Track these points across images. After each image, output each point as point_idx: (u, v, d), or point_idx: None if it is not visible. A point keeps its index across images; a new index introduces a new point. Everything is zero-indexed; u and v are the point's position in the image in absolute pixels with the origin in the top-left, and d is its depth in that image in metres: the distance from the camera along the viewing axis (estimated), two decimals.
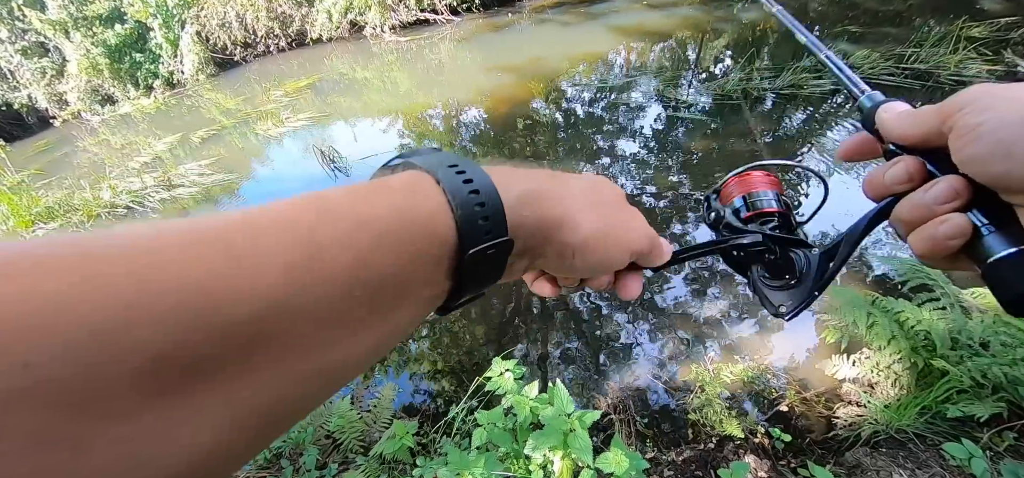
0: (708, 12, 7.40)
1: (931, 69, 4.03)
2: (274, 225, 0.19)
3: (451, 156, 0.27)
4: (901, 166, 0.30)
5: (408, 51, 9.22)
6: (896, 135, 0.32)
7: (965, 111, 0.26)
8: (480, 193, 0.25)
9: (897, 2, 6.16)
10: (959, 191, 0.27)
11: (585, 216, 0.30)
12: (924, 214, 0.28)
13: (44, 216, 5.28)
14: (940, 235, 0.27)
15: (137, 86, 11.20)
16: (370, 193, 0.23)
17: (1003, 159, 0.24)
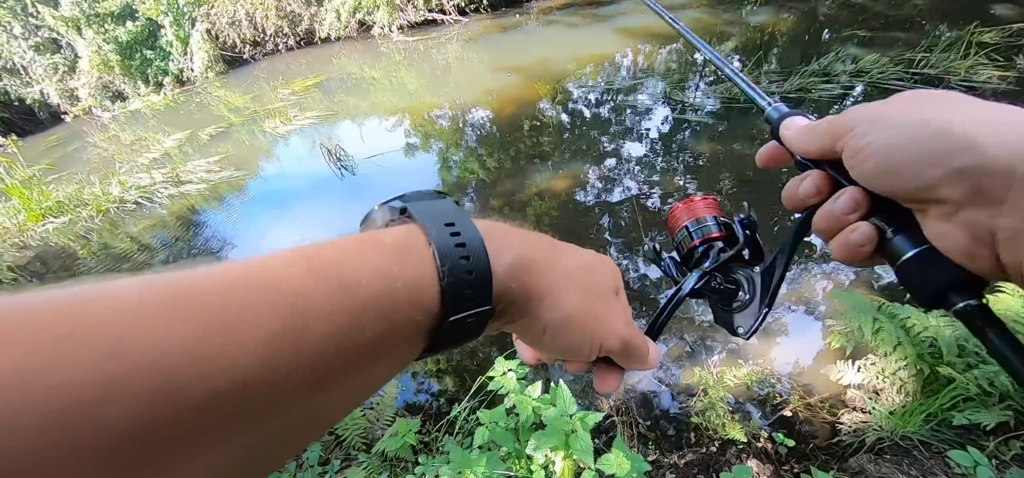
0: (716, 15, 7.37)
1: (941, 74, 4.00)
2: (259, 291, 0.18)
3: (449, 208, 0.27)
4: (809, 182, 0.32)
5: (416, 51, 9.26)
6: (797, 150, 0.34)
7: (853, 134, 0.29)
8: (470, 259, 0.24)
9: (907, 6, 6.11)
10: (859, 202, 0.29)
11: (569, 297, 0.29)
12: (835, 224, 0.30)
13: (54, 211, 5.35)
14: (852, 243, 0.29)
15: (147, 83, 11.32)
16: (359, 253, 0.22)
17: (889, 175, 0.27)
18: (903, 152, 0.26)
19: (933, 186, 0.25)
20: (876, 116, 0.28)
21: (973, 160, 0.23)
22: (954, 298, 0.26)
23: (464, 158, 4.84)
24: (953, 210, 0.24)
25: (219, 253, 4.18)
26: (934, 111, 0.26)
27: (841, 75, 4.36)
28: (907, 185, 0.26)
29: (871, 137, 0.27)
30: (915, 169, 0.25)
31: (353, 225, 1.40)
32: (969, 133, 0.24)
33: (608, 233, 3.29)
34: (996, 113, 0.25)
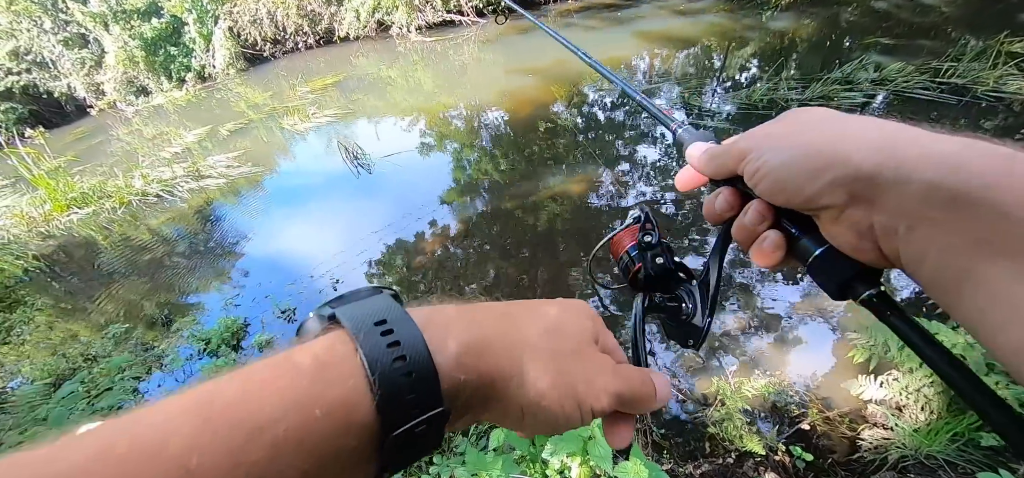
0: (736, 19, 7.29)
1: (968, 84, 3.89)
2: (138, 458, 0.16)
3: (381, 305, 0.24)
4: (722, 198, 0.36)
5: (433, 51, 9.32)
6: (705, 174, 0.38)
7: (748, 158, 0.32)
8: (408, 359, 0.22)
9: (934, 14, 5.97)
10: (764, 214, 0.33)
11: (538, 369, 0.27)
12: (749, 234, 0.34)
13: (78, 202, 5.48)
14: (766, 249, 0.33)
15: (170, 78, 11.57)
16: (265, 385, 0.20)
17: (782, 191, 0.30)
18: (790, 171, 0.29)
19: (818, 197, 0.28)
20: (765, 141, 0.32)
21: (844, 171, 0.27)
22: (858, 288, 0.29)
23: (478, 158, 4.85)
24: (838, 213, 0.28)
25: (235, 247, 4.24)
26: (810, 132, 0.30)
27: (864, 83, 4.27)
28: (798, 197, 0.30)
29: (763, 159, 0.31)
30: (802, 185, 0.29)
31: (367, 223, 1.44)
32: (839, 147, 0.28)
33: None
34: (861, 126, 0.29)
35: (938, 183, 0.24)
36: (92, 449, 0.16)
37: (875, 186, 0.26)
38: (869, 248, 0.28)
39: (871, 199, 0.26)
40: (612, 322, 2.63)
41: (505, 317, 0.29)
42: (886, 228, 0.26)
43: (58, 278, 4.40)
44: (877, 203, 0.26)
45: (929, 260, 0.24)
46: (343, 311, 0.24)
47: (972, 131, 0.26)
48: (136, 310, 3.63)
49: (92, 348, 3.21)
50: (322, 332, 0.24)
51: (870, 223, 0.27)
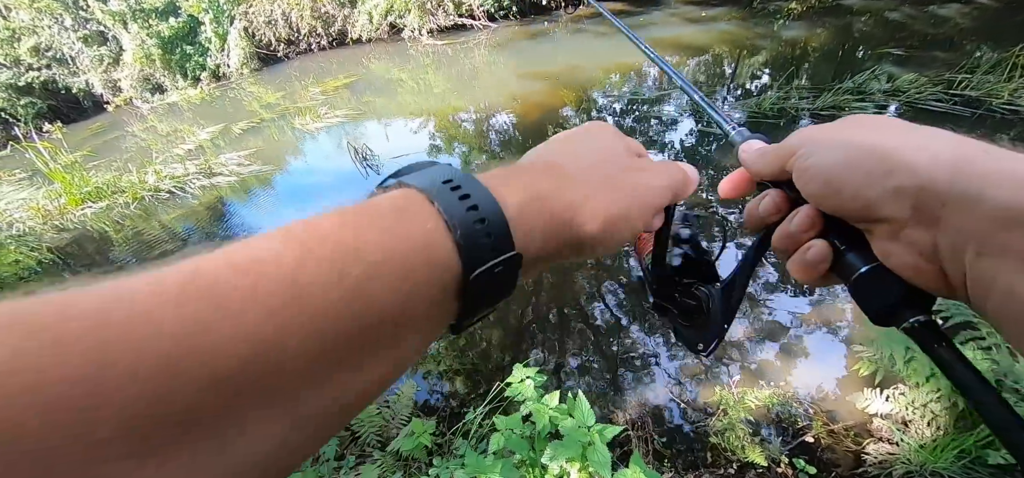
0: (747, 28, 7.26)
1: (982, 97, 3.84)
2: (255, 265, 0.18)
3: (447, 170, 0.25)
4: (768, 200, 0.33)
5: (444, 55, 9.38)
6: (753, 172, 0.36)
7: (798, 155, 0.30)
8: (480, 209, 0.23)
9: (948, 25, 5.90)
10: (814, 220, 0.30)
11: (598, 200, 0.28)
12: (792, 242, 0.31)
13: (93, 196, 5.58)
14: (809, 260, 0.29)
15: (185, 77, 11.77)
16: (359, 217, 0.21)
17: (833, 195, 0.27)
18: (845, 172, 0.27)
19: (875, 205, 0.25)
20: (820, 138, 0.29)
21: (909, 180, 0.24)
22: (904, 314, 0.26)
23: (487, 162, 4.88)
24: (897, 228, 0.25)
25: None
26: (872, 134, 0.27)
27: (876, 94, 4.23)
28: (851, 204, 0.27)
29: (814, 158, 0.28)
30: (858, 189, 0.26)
31: None
32: (905, 155, 0.25)
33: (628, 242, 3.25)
34: (928, 136, 0.26)
35: (1020, 205, 0.21)
36: (221, 258, 0.18)
37: (946, 202, 0.23)
38: (930, 271, 0.25)
39: (938, 216, 0.23)
40: (617, 330, 2.62)
41: (552, 167, 0.30)
42: (953, 250, 0.23)
43: (70, 271, 4.48)
44: (945, 221, 0.23)
45: (999, 291, 0.21)
46: (411, 176, 0.25)
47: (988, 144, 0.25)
48: None
49: None
50: None
51: (933, 243, 0.24)
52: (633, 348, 2.49)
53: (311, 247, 0.19)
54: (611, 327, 2.64)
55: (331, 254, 0.19)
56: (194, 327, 0.15)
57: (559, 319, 2.76)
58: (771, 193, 0.33)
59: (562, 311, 2.80)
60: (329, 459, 1.89)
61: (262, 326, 0.17)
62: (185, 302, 0.16)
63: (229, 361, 0.16)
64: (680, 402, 2.14)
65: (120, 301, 0.15)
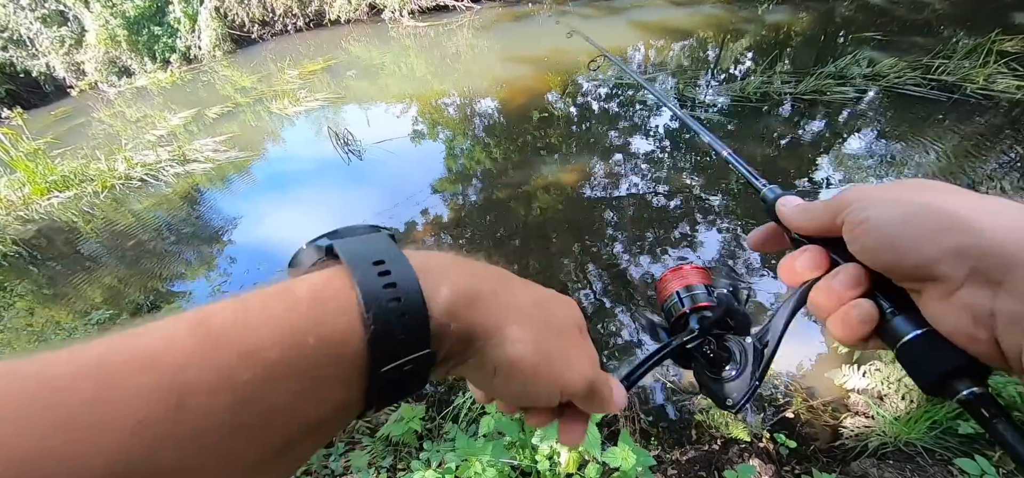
0: (732, 12, 7.29)
1: (958, 82, 3.94)
2: (129, 369, 0.17)
3: (380, 244, 0.24)
4: (808, 256, 0.33)
5: (426, 36, 9.19)
6: (795, 227, 0.35)
7: (852, 209, 0.29)
8: (401, 301, 0.22)
9: (927, 11, 6.02)
10: (860, 278, 0.29)
11: (520, 334, 0.27)
12: (835, 300, 0.30)
13: (59, 185, 5.35)
14: (853, 320, 0.28)
15: (154, 59, 11.27)
16: (263, 310, 0.20)
17: (889, 251, 0.27)
18: (903, 228, 0.26)
19: (932, 263, 0.25)
20: (875, 195, 0.29)
21: (972, 240, 0.24)
22: (957, 385, 0.25)
23: (471, 147, 4.82)
24: (952, 289, 0.24)
25: (222, 233, 4.18)
26: (932, 194, 0.27)
27: (856, 78, 4.31)
28: (907, 261, 0.26)
29: (871, 212, 0.28)
30: (915, 245, 0.25)
31: (358, 210, 1.42)
32: (968, 215, 0.24)
33: (612, 229, 3.28)
34: (992, 201, 0.25)
35: None
36: (89, 356, 0.17)
37: (1009, 266, 0.22)
38: (984, 338, 0.23)
39: (999, 280, 0.22)
40: (602, 313, 2.64)
41: (502, 279, 0.29)
42: (1012, 317, 0.22)
43: (38, 263, 4.30)
44: (1006, 285, 0.22)
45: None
46: (342, 245, 0.24)
47: (962, 128, 0.24)
48: (120, 296, 3.56)
49: (75, 335, 3.15)
50: (318, 263, 0.25)
51: (990, 309, 0.23)
52: (619, 331, 2.51)
53: (202, 345, 0.18)
54: (597, 310, 2.66)
55: (221, 355, 0.18)
56: (47, 448, 0.14)
57: None
58: (809, 249, 0.33)
59: None
60: None
61: (126, 442, 0.15)
62: (46, 417, 0.15)
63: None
64: (665, 383, 2.18)
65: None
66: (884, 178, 3.29)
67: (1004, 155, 3.26)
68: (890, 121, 3.89)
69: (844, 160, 3.58)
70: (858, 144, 3.74)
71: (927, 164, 3.34)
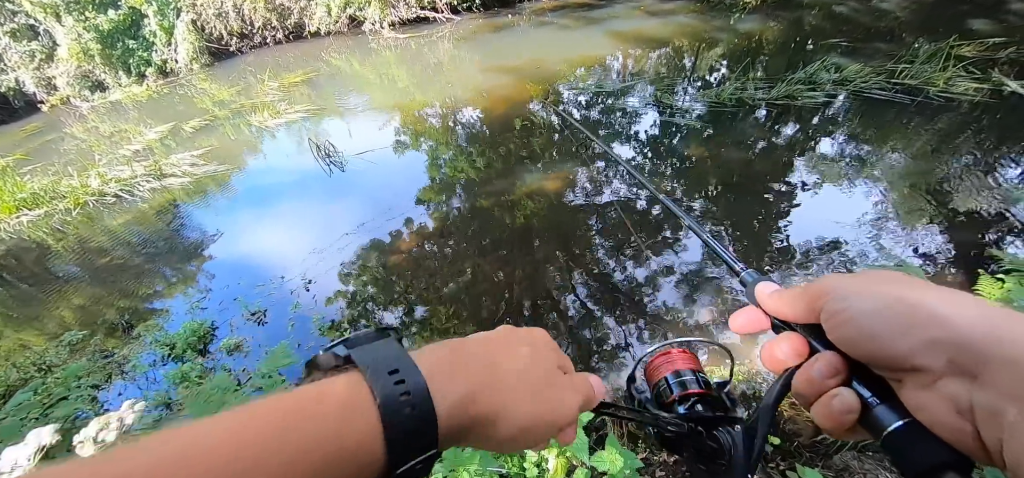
0: (705, 21, 7.48)
1: (920, 85, 4.12)
2: (199, 464, 0.20)
3: (392, 352, 0.28)
4: (787, 344, 0.33)
5: (407, 48, 9.20)
6: (774, 312, 0.36)
7: (830, 298, 0.30)
8: (415, 409, 0.25)
9: (889, 18, 6.27)
10: (838, 367, 0.29)
11: (520, 409, 0.31)
12: (815, 389, 0.30)
13: (29, 203, 5.18)
14: (835, 410, 0.29)
15: (129, 73, 11.02)
16: (304, 417, 0.23)
17: (867, 340, 0.27)
18: (881, 320, 0.27)
19: (911, 354, 0.25)
20: (851, 286, 0.30)
21: (946, 333, 0.24)
22: (944, 477, 0.25)
23: (454, 156, 4.83)
24: (932, 380, 0.25)
25: (201, 249, 4.09)
26: (904, 288, 0.28)
27: (826, 83, 4.46)
28: (886, 352, 0.26)
29: (849, 303, 0.29)
30: (894, 337, 0.26)
31: (341, 222, 1.43)
32: (941, 310, 0.25)
33: (595, 233, 3.31)
34: (955, 295, 0.26)
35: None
36: (165, 453, 0.20)
37: (983, 359, 0.23)
38: (968, 430, 0.24)
39: (976, 373, 0.23)
40: (589, 319, 2.66)
41: (490, 368, 0.31)
42: (990, 411, 0.22)
43: (6, 284, 4.15)
44: (982, 378, 0.23)
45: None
46: (360, 355, 0.27)
47: (926, 129, 0.25)
48: (94, 316, 3.45)
49: (46, 357, 3.03)
50: (336, 369, 0.28)
51: (969, 401, 0.23)
52: (605, 336, 2.53)
53: (252, 450, 0.21)
54: (583, 317, 2.68)
55: (272, 460, 0.21)
56: None
57: (533, 310, 2.77)
58: (790, 336, 0.33)
59: (536, 302, 2.82)
60: None
61: None
62: None
63: None
64: None
65: None
66: (853, 179, 3.41)
67: (969, 154, 3.41)
68: (859, 124, 4.04)
69: (817, 162, 3.70)
70: (829, 146, 3.86)
71: (895, 164, 3.47)
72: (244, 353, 2.83)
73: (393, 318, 2.92)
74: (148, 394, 2.64)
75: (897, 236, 2.85)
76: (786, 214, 3.21)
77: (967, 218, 2.87)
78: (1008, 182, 3.12)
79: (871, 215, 3.03)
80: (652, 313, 2.62)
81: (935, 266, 2.63)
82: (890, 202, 3.13)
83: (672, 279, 2.81)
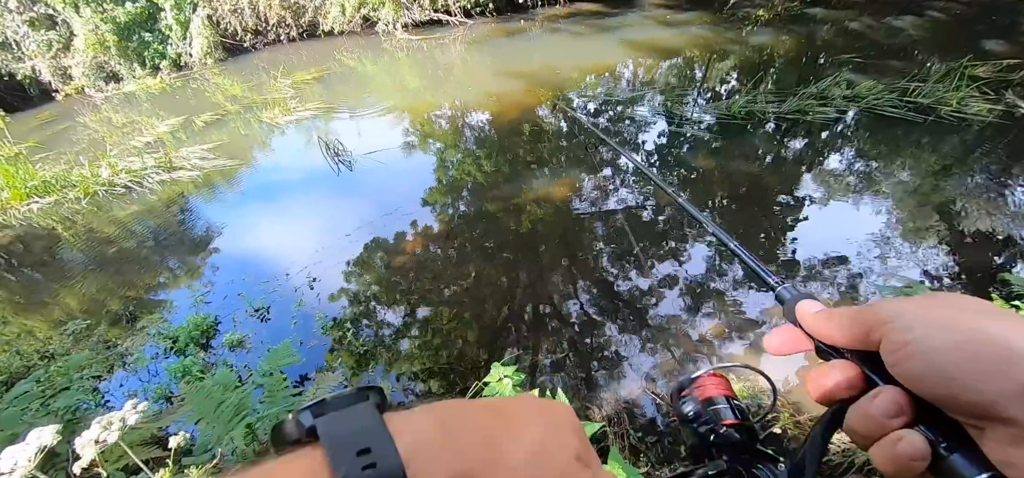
0: (718, 33, 7.47)
1: (933, 104, 4.08)
2: None
3: (366, 422, 0.23)
4: (840, 373, 0.29)
5: (419, 50, 9.25)
6: (821, 336, 0.32)
7: (892, 327, 0.26)
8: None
9: (902, 36, 6.23)
10: (903, 406, 0.25)
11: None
12: (875, 428, 0.26)
13: (40, 190, 5.23)
14: (901, 456, 0.25)
15: (144, 65, 11.17)
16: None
17: (940, 380, 0.23)
18: (957, 358, 0.23)
19: (996, 403, 0.21)
20: (918, 313, 0.25)
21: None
22: None
23: (462, 159, 4.83)
24: (1020, 435, 0.21)
25: (207, 242, 4.11)
26: (985, 317, 0.24)
27: (837, 99, 4.43)
28: (964, 397, 0.22)
29: (916, 332, 0.24)
30: (974, 380, 0.22)
31: (347, 221, 1.42)
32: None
33: (601, 242, 3.30)
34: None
35: None
36: None
37: None
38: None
39: None
40: (591, 327, 2.64)
41: (490, 447, 0.25)
42: None
43: (14, 270, 4.19)
44: None
45: None
46: (326, 427, 0.23)
47: (938, 149, 0.23)
48: (99, 306, 3.47)
49: (50, 345, 3.05)
50: (300, 440, 0.23)
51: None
52: (608, 345, 2.51)
53: None
54: (586, 325, 2.66)
55: None
56: None
57: (535, 317, 2.76)
58: (841, 365, 0.29)
59: (538, 309, 2.81)
60: None
61: None
62: None
63: None
64: (654, 398, 2.18)
65: None
66: (862, 195, 3.37)
67: (980, 175, 3.37)
68: (869, 140, 4.00)
69: (826, 177, 3.66)
70: (839, 162, 3.83)
71: (904, 182, 3.44)
72: (246, 349, 2.83)
73: (395, 318, 2.91)
74: (148, 386, 2.65)
75: (905, 254, 2.82)
76: (793, 228, 3.19)
77: (977, 239, 2.84)
78: (1019, 205, 3.07)
79: (879, 232, 3.00)
80: (655, 325, 2.60)
81: (942, 287, 2.59)
82: (898, 220, 3.09)
83: (677, 290, 2.79)
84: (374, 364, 2.61)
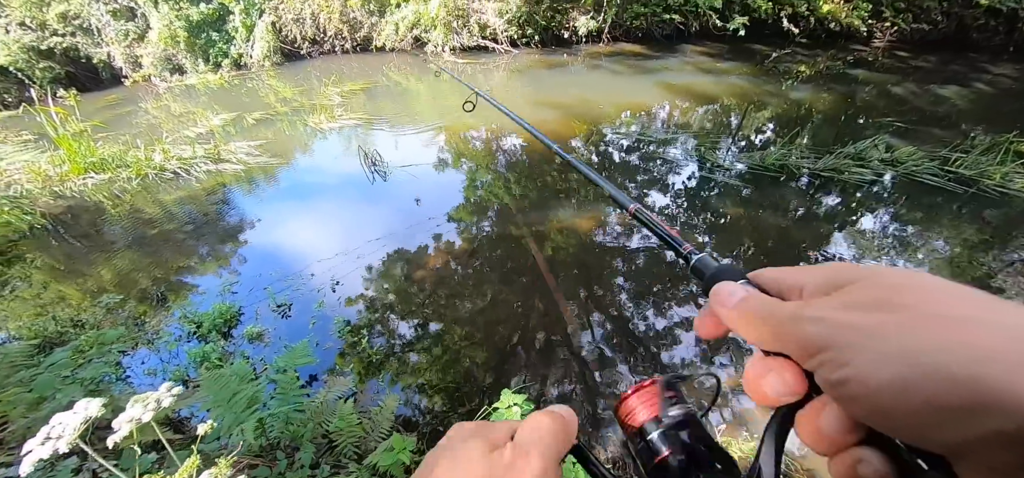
0: (757, 85, 7.44)
1: (975, 177, 3.94)
2: None
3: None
4: (776, 378, 0.25)
5: (464, 72, 9.56)
6: (741, 334, 0.27)
7: (825, 356, 0.21)
8: None
9: (947, 105, 6.06)
10: (850, 426, 0.22)
11: None
12: (828, 446, 0.23)
13: (96, 167, 5.59)
14: (863, 477, 0.22)
15: (206, 61, 11.95)
16: None
17: (892, 423, 0.19)
18: (908, 398, 0.18)
19: (964, 449, 0.18)
20: (860, 328, 0.21)
21: (1012, 423, 0.16)
22: None
23: (491, 181, 4.93)
24: (999, 475, 0.17)
25: (240, 234, 4.30)
26: (933, 327, 0.19)
27: (874, 161, 4.33)
28: (926, 440, 0.19)
29: (857, 368, 0.20)
30: (930, 429, 0.18)
31: (373, 229, 1.53)
32: (990, 371, 0.17)
33: (623, 278, 3.29)
34: (1011, 314, 0.18)
35: None
36: None
37: None
38: None
39: None
40: (602, 361, 2.62)
41: None
42: None
43: (61, 239, 4.47)
44: None
45: None
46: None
47: (975, 219, 0.20)
48: (132, 283, 3.66)
49: (83, 314, 3.22)
50: None
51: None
52: (616, 381, 2.49)
53: None
54: (596, 358, 2.64)
55: None
56: None
57: (545, 344, 2.76)
58: (779, 367, 0.25)
59: (550, 337, 2.81)
60: (304, 465, 1.86)
61: None
62: None
63: None
64: None
65: None
66: (896, 258, 3.25)
67: (1020, 251, 3.21)
68: (906, 204, 3.88)
69: (857, 237, 3.56)
70: (873, 223, 3.72)
71: (939, 250, 3.30)
72: (265, 343, 2.93)
73: (408, 330, 2.97)
74: (168, 367, 2.75)
75: None
76: None
77: None
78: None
79: None
80: (669, 364, 2.56)
81: None
82: None
83: (692, 347, 2.75)
84: (383, 372, 2.65)
